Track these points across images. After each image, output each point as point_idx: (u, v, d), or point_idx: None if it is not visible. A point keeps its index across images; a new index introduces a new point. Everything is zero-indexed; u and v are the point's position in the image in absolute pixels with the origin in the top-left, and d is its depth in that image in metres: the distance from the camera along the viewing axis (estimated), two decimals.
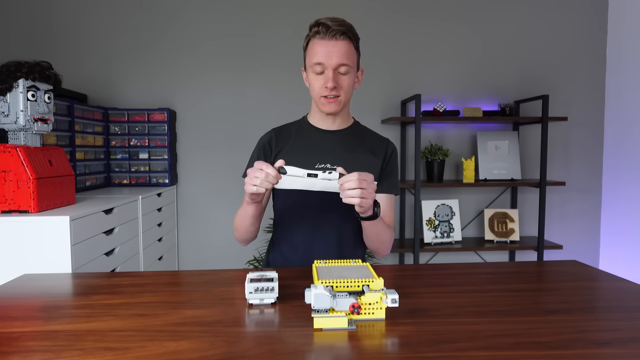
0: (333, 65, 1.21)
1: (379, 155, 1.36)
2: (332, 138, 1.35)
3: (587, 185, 2.98)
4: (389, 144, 1.40)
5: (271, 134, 1.37)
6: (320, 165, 1.30)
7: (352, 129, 1.40)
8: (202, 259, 2.88)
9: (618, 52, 2.85)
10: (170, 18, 2.78)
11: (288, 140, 1.35)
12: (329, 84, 1.22)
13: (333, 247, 1.32)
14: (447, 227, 2.79)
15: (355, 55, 1.27)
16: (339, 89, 1.24)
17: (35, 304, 0.94)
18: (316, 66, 1.23)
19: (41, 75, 1.55)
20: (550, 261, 1.31)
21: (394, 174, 1.39)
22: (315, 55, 1.23)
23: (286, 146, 1.34)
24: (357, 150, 1.34)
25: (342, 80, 1.24)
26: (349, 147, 1.34)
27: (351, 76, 1.26)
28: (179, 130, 2.83)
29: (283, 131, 1.39)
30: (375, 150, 1.36)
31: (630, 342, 0.74)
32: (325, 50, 1.21)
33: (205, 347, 0.73)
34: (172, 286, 1.08)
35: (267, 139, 1.37)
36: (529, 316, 0.86)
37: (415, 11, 2.85)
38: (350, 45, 1.24)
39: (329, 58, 1.21)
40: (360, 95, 2.84)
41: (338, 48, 1.21)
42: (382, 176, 1.37)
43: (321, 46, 1.22)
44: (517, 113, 2.85)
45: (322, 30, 1.21)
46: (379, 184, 1.37)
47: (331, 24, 1.20)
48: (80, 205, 1.71)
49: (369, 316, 0.83)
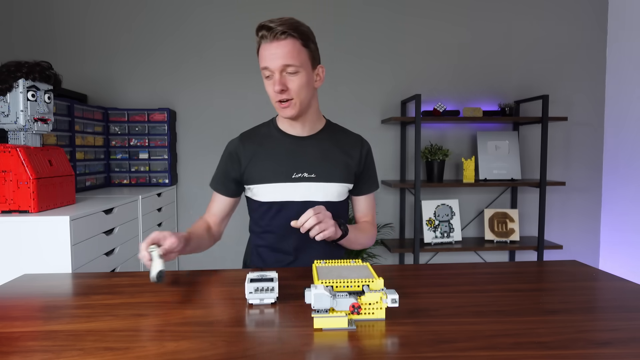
0: (277, 67, 1.17)
1: (354, 157, 1.34)
2: (306, 145, 1.31)
3: (587, 185, 2.98)
4: (364, 144, 1.38)
5: (238, 144, 1.33)
6: (296, 175, 1.27)
7: (325, 131, 1.35)
8: (202, 259, 2.87)
9: (618, 52, 2.85)
10: (171, 18, 2.78)
11: (259, 149, 1.31)
12: (276, 87, 1.18)
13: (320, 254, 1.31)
14: (447, 227, 2.79)
15: (305, 53, 1.20)
16: (289, 92, 1.19)
17: (35, 304, 0.94)
18: (264, 71, 1.20)
19: (41, 75, 1.55)
20: (550, 261, 1.31)
21: (372, 171, 1.40)
22: (262, 60, 1.19)
23: (258, 156, 1.30)
24: (333, 156, 1.31)
25: (291, 82, 1.19)
26: (324, 153, 1.31)
27: (301, 76, 1.19)
28: (179, 130, 2.83)
29: (253, 138, 1.34)
30: (350, 151, 1.34)
31: (630, 342, 0.74)
32: (268, 54, 1.18)
33: (205, 347, 0.73)
34: (172, 286, 1.08)
35: (235, 148, 1.33)
36: (529, 316, 0.86)
37: (415, 11, 2.85)
38: (294, 44, 1.18)
39: (272, 61, 1.17)
40: (360, 95, 2.85)
41: (281, 49, 1.16)
42: (361, 177, 1.37)
43: (265, 49, 1.18)
44: (517, 113, 2.85)
45: (265, 33, 1.17)
46: (359, 185, 1.37)
47: (272, 25, 1.16)
48: (80, 205, 1.71)
49: (369, 316, 0.83)
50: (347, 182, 1.33)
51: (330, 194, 1.29)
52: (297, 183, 1.27)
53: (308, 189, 1.28)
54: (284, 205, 1.28)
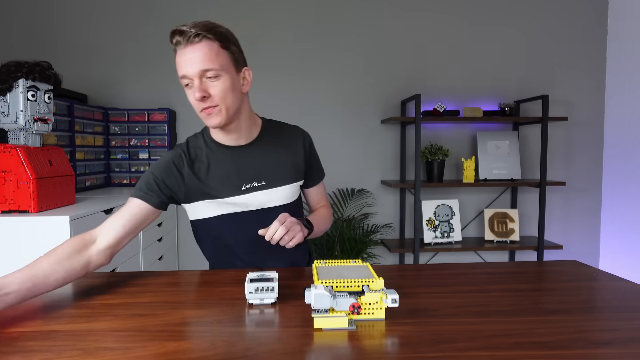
0: (195, 73, 1.07)
1: (298, 152, 1.31)
2: (248, 154, 1.24)
3: (587, 185, 2.98)
4: (305, 136, 1.35)
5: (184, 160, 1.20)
6: (247, 186, 1.22)
7: (264, 134, 1.27)
8: (202, 259, 2.87)
9: (618, 52, 2.85)
10: (171, 18, 2.78)
11: (202, 164, 1.21)
12: (196, 94, 1.08)
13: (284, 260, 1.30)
14: (447, 227, 2.79)
15: (225, 55, 1.10)
16: (212, 98, 1.09)
17: (35, 304, 0.94)
18: (182, 80, 1.10)
19: (41, 75, 1.55)
20: (550, 261, 1.31)
21: (317, 160, 1.39)
22: (179, 68, 1.10)
23: (203, 172, 1.21)
24: (278, 158, 1.26)
25: (213, 88, 1.09)
26: (269, 157, 1.25)
27: (224, 80, 1.10)
28: (179, 130, 2.83)
29: (193, 154, 1.23)
30: (293, 146, 1.31)
31: (630, 342, 0.74)
32: (184, 59, 1.08)
33: (205, 347, 0.73)
34: (172, 286, 1.08)
35: (178, 163, 1.20)
36: (529, 316, 0.86)
37: (415, 11, 2.85)
38: (212, 46, 1.08)
39: (189, 67, 1.07)
40: (360, 95, 2.85)
41: (196, 53, 1.07)
42: (309, 169, 1.36)
43: (181, 56, 1.09)
44: (517, 113, 2.85)
45: (179, 38, 1.08)
46: (308, 178, 1.37)
47: (185, 28, 1.07)
48: (80, 205, 1.71)
49: (369, 316, 0.83)
50: (297, 180, 1.30)
51: (283, 197, 1.27)
52: (248, 194, 1.22)
53: (261, 197, 1.24)
54: (241, 217, 1.23)
